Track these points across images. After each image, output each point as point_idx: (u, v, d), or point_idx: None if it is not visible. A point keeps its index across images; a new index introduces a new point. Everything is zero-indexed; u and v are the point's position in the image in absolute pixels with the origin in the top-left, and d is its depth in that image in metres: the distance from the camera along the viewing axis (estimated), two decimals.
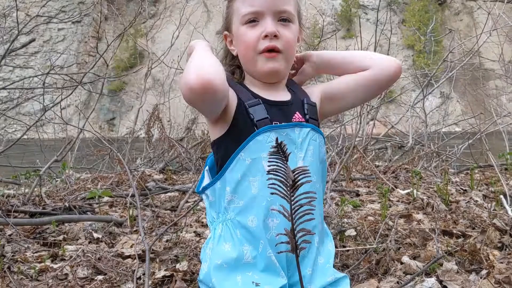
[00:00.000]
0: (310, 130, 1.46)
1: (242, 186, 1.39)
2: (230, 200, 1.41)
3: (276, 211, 1.02)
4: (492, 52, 7.19)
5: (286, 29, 1.44)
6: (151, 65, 5.90)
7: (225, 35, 1.57)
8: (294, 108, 1.50)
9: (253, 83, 1.53)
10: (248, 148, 1.38)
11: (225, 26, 1.57)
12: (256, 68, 1.46)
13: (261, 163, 1.37)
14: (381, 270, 2.09)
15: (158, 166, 5.26)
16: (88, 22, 46.99)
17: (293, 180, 0.96)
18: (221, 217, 1.45)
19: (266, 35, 1.41)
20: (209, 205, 1.51)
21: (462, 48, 6.41)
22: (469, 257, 2.13)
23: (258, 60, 1.44)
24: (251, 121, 1.41)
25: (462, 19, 45.57)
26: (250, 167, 1.38)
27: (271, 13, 1.42)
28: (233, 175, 1.40)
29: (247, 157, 1.38)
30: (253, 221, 1.38)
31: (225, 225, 1.43)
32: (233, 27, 1.51)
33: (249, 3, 1.43)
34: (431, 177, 4.61)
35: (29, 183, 4.31)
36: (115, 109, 43.93)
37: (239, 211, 1.40)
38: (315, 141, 1.47)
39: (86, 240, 2.63)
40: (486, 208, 3.23)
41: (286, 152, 0.97)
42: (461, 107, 30.23)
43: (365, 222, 2.68)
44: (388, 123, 6.73)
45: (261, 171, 1.37)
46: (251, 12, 1.43)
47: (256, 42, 1.43)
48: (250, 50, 1.45)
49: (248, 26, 1.44)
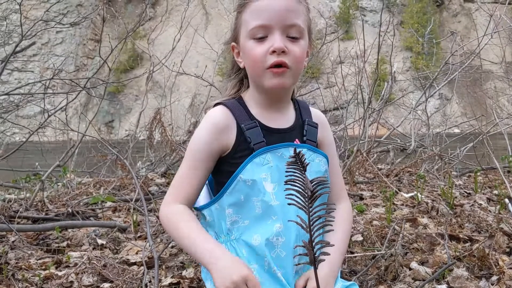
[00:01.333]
0: (306, 151, 1.47)
1: (247, 206, 1.40)
2: (234, 220, 1.42)
3: (294, 222, 1.00)
4: (492, 53, 7.19)
5: (295, 44, 1.41)
6: (152, 68, 5.87)
7: (233, 46, 1.54)
8: (294, 134, 1.50)
9: (256, 100, 1.51)
10: (247, 169, 1.39)
11: (233, 37, 1.53)
12: (263, 83, 1.43)
13: (261, 184, 1.38)
14: (390, 276, 2.07)
15: (160, 170, 5.23)
16: (86, 24, 46.98)
17: (311, 191, 0.94)
18: (223, 237, 1.45)
19: (274, 51, 1.38)
20: (206, 225, 1.51)
21: (463, 51, 6.39)
22: (478, 262, 2.11)
23: (265, 75, 1.41)
24: (248, 145, 1.42)
25: (460, 21, 45.66)
26: (252, 187, 1.39)
27: (280, 27, 1.39)
28: (233, 197, 1.41)
29: (247, 178, 1.39)
30: (257, 240, 1.39)
31: (230, 245, 1.43)
32: (241, 40, 1.48)
33: (258, 16, 1.40)
34: (434, 180, 4.60)
35: (29, 187, 4.29)
36: (113, 111, 43.91)
37: (243, 230, 1.41)
38: (312, 161, 1.47)
39: (90, 247, 2.61)
40: (491, 212, 3.22)
41: (304, 162, 0.95)
42: (460, 108, 30.27)
43: (372, 227, 2.66)
44: (390, 126, 6.71)
45: (262, 191, 1.38)
46: (260, 25, 1.40)
47: (264, 57, 1.39)
48: (257, 65, 1.42)
49: (256, 41, 1.41)
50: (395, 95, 10.22)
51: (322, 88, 6.81)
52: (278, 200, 1.38)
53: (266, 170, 1.39)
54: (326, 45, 6.21)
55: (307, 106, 1.61)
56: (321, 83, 7.95)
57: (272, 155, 1.41)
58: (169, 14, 34.25)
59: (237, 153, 1.43)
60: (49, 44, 46.95)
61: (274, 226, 1.38)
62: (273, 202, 1.38)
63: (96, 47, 47.29)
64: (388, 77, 6.34)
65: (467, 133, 6.78)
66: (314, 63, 6.88)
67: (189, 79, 35.17)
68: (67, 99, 4.20)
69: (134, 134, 6.16)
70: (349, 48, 7.56)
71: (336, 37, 6.65)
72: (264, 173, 1.38)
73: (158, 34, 8.25)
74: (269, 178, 1.39)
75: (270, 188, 1.38)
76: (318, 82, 7.06)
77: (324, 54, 7.01)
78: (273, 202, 1.38)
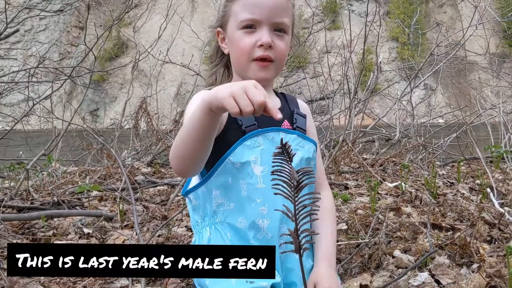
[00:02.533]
0: (296, 137, 1.50)
1: (233, 189, 1.41)
2: (220, 203, 1.43)
3: (280, 211, 1.01)
4: (477, 44, 7.26)
5: (280, 40, 1.47)
6: (138, 57, 5.83)
7: (218, 32, 1.57)
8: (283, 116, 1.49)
9: None
10: (236, 152, 1.41)
11: (220, 23, 1.56)
12: (248, 73, 1.48)
13: (250, 167, 1.40)
14: (374, 264, 2.11)
15: (146, 159, 5.22)
16: (70, 11, 46.28)
17: (297, 181, 0.96)
18: (208, 220, 1.46)
19: (261, 45, 1.44)
20: (192, 208, 1.52)
21: (448, 42, 6.45)
22: (459, 250, 2.16)
23: (250, 66, 1.47)
24: (239, 127, 1.44)
25: (446, 11, 45.95)
26: (240, 170, 1.40)
27: (269, 23, 1.45)
28: (221, 178, 1.42)
29: (236, 161, 1.40)
30: (242, 223, 1.40)
31: (214, 228, 1.44)
32: (228, 28, 1.52)
33: (249, 11, 1.45)
34: (418, 170, 4.66)
35: (13, 176, 4.25)
36: (98, 100, 43.49)
37: (228, 213, 1.42)
38: (302, 147, 1.50)
39: (76, 235, 2.61)
40: (473, 201, 3.28)
41: (290, 153, 0.97)
42: (444, 99, 30.53)
43: (356, 216, 2.70)
44: (375, 116, 6.76)
45: (250, 174, 1.40)
46: (250, 19, 1.45)
47: (251, 49, 1.45)
48: (244, 56, 1.47)
49: (245, 32, 1.46)
50: (380, 86, 10.28)
51: (308, 78, 6.82)
52: (265, 183, 1.39)
53: (256, 153, 1.41)
54: (313, 34, 6.22)
55: (293, 98, 1.66)
56: (308, 73, 7.97)
57: (263, 138, 1.44)
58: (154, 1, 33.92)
59: (227, 135, 1.44)
60: (32, 31, 46.23)
61: (259, 208, 1.40)
62: (259, 185, 1.40)
63: (80, 34, 46.71)
64: (374, 67, 6.38)
65: (451, 123, 6.86)
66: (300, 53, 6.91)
67: (174, 68, 34.94)
68: (52, 88, 4.15)
69: (119, 123, 6.12)
70: (335, 38, 7.58)
71: (323, 27, 6.66)
72: (254, 155, 1.40)
73: (143, 22, 8.16)
74: (259, 161, 1.41)
75: (259, 171, 1.40)
76: (304, 72, 7.08)
77: (310, 43, 7.01)
78: (259, 185, 1.40)
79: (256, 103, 1.04)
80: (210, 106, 1.12)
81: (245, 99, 1.05)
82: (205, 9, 42.10)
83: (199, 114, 1.16)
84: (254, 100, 1.04)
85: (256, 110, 1.04)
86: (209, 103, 1.12)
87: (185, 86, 36.63)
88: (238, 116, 1.06)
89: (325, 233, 1.50)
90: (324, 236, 1.50)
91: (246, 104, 1.04)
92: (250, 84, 1.08)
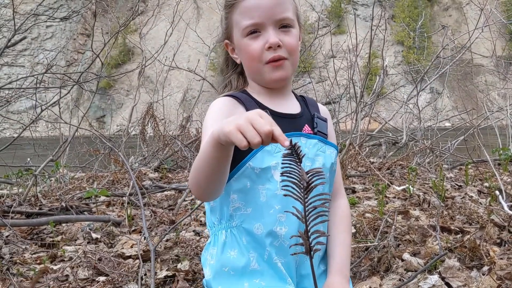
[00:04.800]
0: (317, 142, 1.46)
1: (251, 194, 1.38)
2: (237, 207, 1.40)
3: (290, 212, 1.01)
4: (483, 47, 7.24)
5: (288, 35, 1.44)
6: (144, 63, 5.85)
7: (226, 44, 1.54)
8: (303, 121, 1.50)
9: (258, 92, 1.51)
10: (256, 158, 1.37)
11: (225, 35, 1.53)
12: (264, 77, 1.45)
13: (270, 172, 1.37)
14: (383, 267, 2.10)
15: (153, 165, 5.23)
16: (76, 19, 46.60)
17: (307, 182, 0.95)
18: (224, 223, 1.44)
19: (270, 46, 1.41)
20: (209, 209, 1.50)
21: (454, 44, 6.43)
22: (469, 253, 2.14)
23: (264, 70, 1.44)
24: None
25: (451, 15, 45.85)
26: (260, 175, 1.37)
27: (272, 22, 1.42)
28: (239, 183, 1.39)
29: (256, 166, 1.37)
30: (259, 229, 1.38)
31: (230, 232, 1.41)
32: (235, 38, 1.49)
33: (249, 16, 1.42)
34: (426, 173, 4.64)
35: (21, 182, 4.27)
36: (105, 106, 43.69)
37: (245, 218, 1.39)
38: (323, 153, 1.46)
39: (84, 241, 2.62)
40: (481, 204, 3.26)
41: (300, 153, 0.97)
42: (450, 102, 30.42)
43: (364, 220, 2.69)
44: (382, 120, 6.75)
45: (270, 180, 1.37)
46: (252, 24, 1.42)
47: (261, 53, 1.42)
48: (255, 62, 1.44)
49: (250, 37, 1.43)
50: (386, 89, 10.26)
51: (314, 82, 6.81)
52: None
53: (277, 158, 1.36)
54: (318, 39, 6.22)
55: (314, 101, 1.62)
56: (313, 77, 7.96)
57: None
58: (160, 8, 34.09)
59: None
60: (39, 39, 46.57)
61: (277, 215, 1.37)
62: (278, 192, 1.36)
63: (86, 42, 46.98)
64: (379, 71, 6.37)
65: (458, 126, 6.83)
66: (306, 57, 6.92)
67: (180, 74, 35.06)
68: (60, 94, 4.17)
69: (126, 128, 6.14)
70: (341, 42, 7.58)
71: (328, 31, 6.66)
72: (275, 161, 1.37)
73: (149, 29, 8.21)
74: (279, 166, 1.31)
75: (279, 176, 1.34)
76: (310, 76, 7.06)
77: (316, 48, 7.01)
78: (278, 192, 1.36)
79: (263, 134, 1.01)
80: (219, 140, 1.10)
81: (252, 130, 1.02)
82: (211, 15, 42.27)
83: (209, 148, 1.15)
84: (261, 131, 1.01)
85: (264, 140, 1.02)
86: (217, 137, 1.10)
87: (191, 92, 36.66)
88: (247, 148, 1.03)
89: (340, 243, 1.48)
90: (339, 246, 1.48)
91: (253, 135, 1.01)
92: (254, 114, 1.05)
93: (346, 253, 1.48)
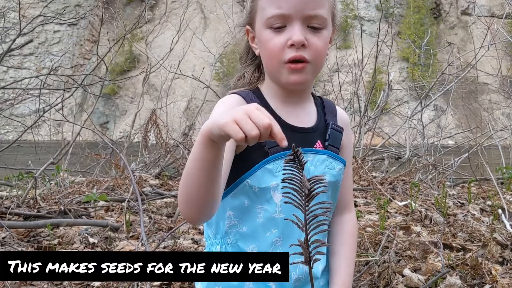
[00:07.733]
0: (326, 158, 1.34)
1: (248, 212, 1.30)
2: (233, 224, 1.32)
3: (290, 220, 0.97)
4: (489, 65, 7.23)
5: (316, 36, 1.27)
6: (149, 70, 5.86)
7: (247, 30, 1.38)
8: (316, 136, 1.36)
9: (273, 93, 1.36)
10: (256, 176, 1.27)
11: (248, 20, 1.37)
12: (280, 78, 1.30)
13: (269, 193, 1.27)
14: (383, 282, 2.06)
15: (154, 171, 5.21)
16: (84, 25, 46.92)
17: (308, 189, 0.93)
18: (219, 239, 1.36)
19: (292, 44, 1.25)
20: (206, 223, 1.44)
21: (459, 62, 6.43)
22: (471, 271, 2.11)
23: (282, 70, 1.28)
24: (262, 148, 1.27)
25: (457, 33, 46.00)
26: (258, 195, 1.28)
27: (300, 17, 1.24)
28: (237, 199, 1.30)
29: (254, 185, 1.27)
30: (254, 250, 1.30)
31: (225, 248, 1.34)
32: (256, 26, 1.33)
33: (276, 4, 1.25)
34: (428, 189, 4.61)
35: (21, 185, 4.25)
36: (108, 113, 43.80)
37: (240, 236, 1.32)
38: (331, 170, 1.34)
39: (81, 245, 2.59)
40: (484, 222, 3.22)
41: (302, 160, 0.95)
42: (454, 120, 30.39)
43: (365, 234, 2.65)
44: (385, 134, 6.73)
45: (269, 201, 1.27)
46: (278, 14, 1.25)
47: (281, 50, 1.26)
48: (274, 59, 1.28)
49: (273, 31, 1.27)
50: (390, 106, 10.25)
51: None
52: (283, 213, 1.26)
53: (278, 179, 1.24)
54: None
55: (333, 108, 1.46)
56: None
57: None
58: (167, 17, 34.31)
59: (247, 154, 1.28)
60: (46, 44, 46.84)
61: (273, 239, 1.28)
62: (277, 215, 1.27)
63: (92, 48, 47.24)
64: (384, 86, 6.36)
65: (461, 144, 6.81)
66: None
67: (185, 83, 35.17)
68: (63, 95, 4.16)
69: (129, 135, 6.14)
70: (346, 56, 7.59)
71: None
72: (276, 182, 1.25)
73: (155, 37, 8.25)
74: (280, 188, 1.24)
75: (278, 199, 1.26)
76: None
77: None
78: (277, 215, 1.27)
79: (261, 126, 0.94)
80: (210, 135, 1.02)
81: (250, 123, 0.95)
82: (217, 25, 42.49)
83: (199, 147, 1.05)
84: (260, 123, 0.94)
85: (262, 134, 0.95)
86: (209, 132, 1.02)
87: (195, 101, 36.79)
88: (243, 143, 0.96)
89: (345, 259, 1.40)
90: (344, 262, 1.40)
91: (251, 127, 0.94)
92: (252, 107, 0.98)
93: (349, 271, 1.40)
